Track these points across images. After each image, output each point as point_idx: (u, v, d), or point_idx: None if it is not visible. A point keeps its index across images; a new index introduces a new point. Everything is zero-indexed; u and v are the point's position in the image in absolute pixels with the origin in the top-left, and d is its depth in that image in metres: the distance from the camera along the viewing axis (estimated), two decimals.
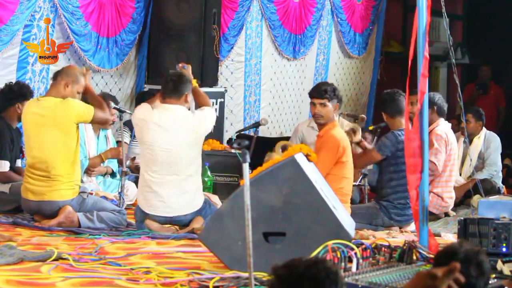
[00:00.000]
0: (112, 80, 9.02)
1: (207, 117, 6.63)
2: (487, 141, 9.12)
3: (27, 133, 6.74)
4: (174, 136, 6.42)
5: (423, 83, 5.34)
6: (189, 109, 6.70)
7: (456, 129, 9.00)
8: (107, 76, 8.86)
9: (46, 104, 6.63)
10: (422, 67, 5.35)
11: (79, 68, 6.97)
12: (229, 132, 9.79)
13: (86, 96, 6.90)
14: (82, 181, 7.06)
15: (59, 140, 6.58)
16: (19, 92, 7.26)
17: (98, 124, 7.20)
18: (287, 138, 8.72)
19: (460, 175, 8.87)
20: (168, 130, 6.44)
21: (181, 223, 6.51)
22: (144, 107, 6.65)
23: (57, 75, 6.74)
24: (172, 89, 6.53)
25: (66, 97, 6.63)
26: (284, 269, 2.68)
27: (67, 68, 6.88)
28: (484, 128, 9.17)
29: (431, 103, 7.53)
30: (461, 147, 8.84)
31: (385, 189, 7.25)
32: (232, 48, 10.14)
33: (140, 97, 8.62)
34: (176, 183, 6.42)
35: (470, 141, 8.88)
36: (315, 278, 2.65)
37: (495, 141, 9.18)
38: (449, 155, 7.93)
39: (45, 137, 6.59)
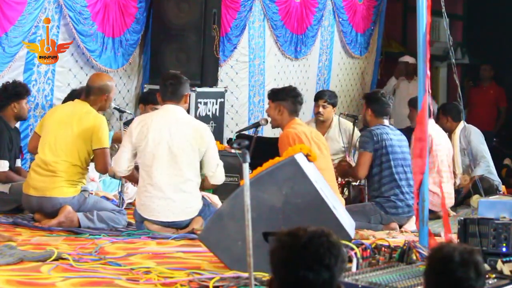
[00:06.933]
0: (121, 82, 9.01)
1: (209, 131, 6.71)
2: (467, 133, 8.80)
3: (48, 128, 6.70)
4: (176, 133, 6.41)
5: (425, 84, 5.34)
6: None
7: None
8: (116, 77, 8.82)
9: (80, 107, 6.70)
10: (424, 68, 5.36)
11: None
12: (234, 132, 9.78)
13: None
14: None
15: (75, 143, 6.60)
16: (14, 91, 7.25)
17: (98, 164, 6.79)
18: None
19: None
20: (170, 126, 6.42)
21: (180, 226, 6.50)
22: (142, 115, 6.72)
23: (91, 91, 6.76)
24: (172, 93, 6.52)
25: (105, 107, 6.82)
26: (288, 237, 2.72)
27: (100, 82, 6.84)
28: (461, 123, 8.79)
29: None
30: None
31: (373, 185, 7.29)
32: (235, 48, 10.13)
33: (143, 96, 8.61)
34: (176, 186, 6.40)
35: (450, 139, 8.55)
36: (316, 251, 2.67)
37: (475, 133, 8.89)
38: (434, 155, 7.83)
39: (64, 135, 6.61)
